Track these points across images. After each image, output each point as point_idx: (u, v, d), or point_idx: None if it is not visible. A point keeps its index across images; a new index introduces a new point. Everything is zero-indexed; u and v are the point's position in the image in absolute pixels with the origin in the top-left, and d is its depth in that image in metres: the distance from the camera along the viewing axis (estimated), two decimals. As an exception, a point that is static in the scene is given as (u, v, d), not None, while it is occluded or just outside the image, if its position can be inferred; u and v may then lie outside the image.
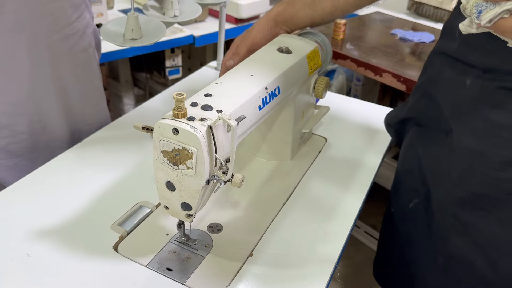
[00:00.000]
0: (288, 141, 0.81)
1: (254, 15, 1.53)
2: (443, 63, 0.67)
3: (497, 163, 0.58)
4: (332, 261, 0.63)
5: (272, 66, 0.68)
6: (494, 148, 0.58)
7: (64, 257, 0.61)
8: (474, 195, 0.62)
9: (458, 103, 0.64)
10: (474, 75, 0.61)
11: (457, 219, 0.65)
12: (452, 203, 0.65)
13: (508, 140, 0.57)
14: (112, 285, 0.57)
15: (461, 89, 0.62)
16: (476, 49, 0.60)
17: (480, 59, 0.59)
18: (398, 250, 0.84)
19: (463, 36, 0.61)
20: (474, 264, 0.64)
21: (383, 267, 0.91)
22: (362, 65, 1.26)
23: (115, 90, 1.72)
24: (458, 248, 0.66)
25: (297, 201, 0.73)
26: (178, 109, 0.51)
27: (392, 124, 0.85)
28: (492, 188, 0.60)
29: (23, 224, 0.65)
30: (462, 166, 0.63)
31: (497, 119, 0.58)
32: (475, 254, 0.64)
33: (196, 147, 0.51)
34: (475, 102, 0.61)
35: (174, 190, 0.56)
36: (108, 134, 0.87)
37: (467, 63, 0.62)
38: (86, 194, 0.71)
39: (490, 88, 0.59)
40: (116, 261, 0.60)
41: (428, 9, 1.65)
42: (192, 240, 0.64)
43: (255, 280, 0.59)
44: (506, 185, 0.58)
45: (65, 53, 0.78)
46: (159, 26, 0.80)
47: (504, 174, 0.58)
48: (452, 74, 0.65)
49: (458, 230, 0.65)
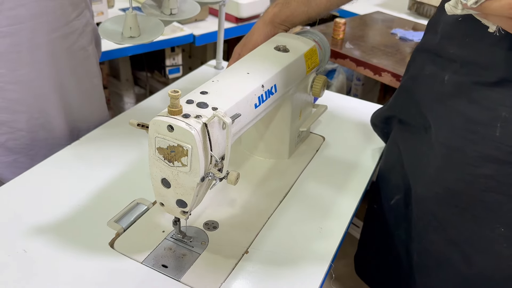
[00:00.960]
0: (285, 140, 0.81)
1: (254, 14, 1.53)
2: (424, 60, 0.68)
3: (473, 158, 0.59)
4: (328, 259, 0.63)
5: (269, 64, 0.68)
6: (470, 144, 0.59)
7: (61, 253, 0.61)
8: (450, 191, 0.62)
9: (436, 99, 0.64)
10: (452, 70, 0.61)
11: (434, 215, 0.66)
12: (429, 199, 0.66)
13: (483, 136, 0.57)
14: (108, 281, 0.58)
15: (439, 85, 0.63)
16: (455, 42, 0.61)
17: (459, 52, 0.60)
18: (379, 246, 0.85)
19: (444, 30, 0.62)
20: (450, 260, 0.65)
21: (364, 262, 0.93)
22: (362, 65, 1.26)
23: (116, 89, 1.72)
24: (434, 244, 0.67)
25: (294, 200, 0.74)
26: (173, 106, 0.52)
27: (377, 124, 0.86)
28: (468, 184, 0.60)
29: (20, 220, 0.66)
30: (439, 162, 0.63)
31: (473, 115, 0.58)
32: (451, 250, 0.64)
33: (191, 144, 0.51)
34: (452, 98, 0.61)
35: (169, 187, 0.56)
36: (107, 131, 0.88)
37: (446, 58, 0.62)
38: (83, 191, 0.72)
39: (467, 83, 0.59)
40: (112, 257, 0.61)
41: (429, 9, 1.65)
42: (188, 237, 0.64)
43: (250, 277, 0.60)
44: (481, 181, 0.59)
45: (64, 51, 0.79)
46: (157, 24, 0.80)
47: (479, 170, 0.58)
48: (431, 70, 0.65)
49: (435, 226, 0.66)
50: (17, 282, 0.57)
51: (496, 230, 0.60)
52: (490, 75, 0.57)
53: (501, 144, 0.56)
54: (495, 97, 0.56)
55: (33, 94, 0.78)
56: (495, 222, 0.59)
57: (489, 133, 0.57)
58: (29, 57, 0.74)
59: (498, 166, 0.57)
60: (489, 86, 0.57)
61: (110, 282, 0.58)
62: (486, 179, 0.58)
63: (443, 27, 0.63)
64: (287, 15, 0.77)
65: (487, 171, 0.58)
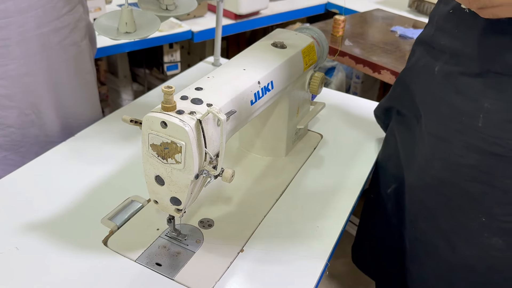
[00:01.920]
0: (282, 137, 0.80)
1: (253, 11, 1.52)
2: (421, 52, 0.69)
3: (458, 148, 0.60)
4: (324, 257, 0.62)
5: (265, 60, 0.67)
6: (456, 133, 0.60)
7: (53, 251, 0.60)
8: (437, 180, 0.64)
9: (427, 90, 0.66)
10: (443, 61, 0.63)
11: (423, 203, 0.67)
12: (419, 188, 0.67)
13: (468, 126, 0.59)
14: (101, 279, 0.57)
15: (430, 76, 0.65)
16: (446, 34, 0.63)
17: (449, 43, 0.62)
18: (374, 234, 0.87)
19: (438, 22, 0.64)
20: (438, 248, 0.67)
21: (360, 250, 0.94)
22: (361, 62, 1.25)
23: (114, 85, 1.71)
24: (424, 232, 0.69)
25: (291, 198, 0.73)
26: (167, 102, 0.51)
27: (379, 115, 0.87)
28: (453, 174, 0.61)
29: (13, 217, 0.65)
30: (427, 151, 0.65)
31: (459, 105, 0.60)
32: (439, 238, 0.66)
33: (184, 141, 0.50)
34: (440, 88, 0.63)
35: (163, 185, 0.55)
36: (102, 128, 0.87)
37: (438, 49, 0.64)
38: (77, 187, 0.71)
39: (454, 73, 0.61)
40: (105, 255, 0.60)
41: (430, 6, 1.64)
42: (183, 235, 0.63)
43: (246, 276, 0.59)
44: (466, 170, 0.60)
45: (55, 45, 0.78)
46: (153, 20, 0.79)
47: (464, 159, 0.60)
48: (425, 61, 0.67)
49: (424, 215, 0.68)
50: (9, 279, 0.56)
51: (478, 220, 0.61)
52: (475, 66, 0.58)
53: (484, 135, 0.57)
54: (478, 88, 0.58)
55: (23, 89, 0.77)
56: (477, 212, 0.61)
57: (473, 123, 0.58)
58: (19, 52, 0.73)
59: (481, 157, 0.58)
60: (474, 76, 0.58)
61: (103, 280, 0.57)
62: (470, 169, 0.60)
63: (438, 20, 0.65)
64: None
65: (471, 161, 0.59)
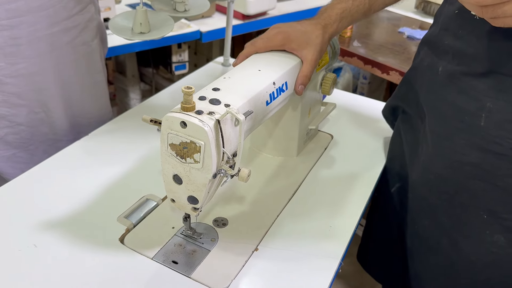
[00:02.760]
0: (294, 138, 0.81)
1: (262, 11, 1.53)
2: (425, 51, 0.71)
3: (460, 146, 0.61)
4: (337, 257, 0.63)
5: (280, 61, 0.68)
6: (458, 132, 0.61)
7: (71, 248, 0.61)
8: (440, 177, 0.65)
9: (430, 89, 0.67)
10: (446, 61, 0.64)
11: (425, 200, 0.68)
12: (422, 185, 0.69)
13: (470, 124, 0.60)
14: (118, 277, 0.58)
15: (434, 76, 0.66)
16: (450, 34, 0.64)
17: (453, 43, 0.63)
18: (378, 233, 0.89)
19: (443, 22, 0.66)
20: (440, 244, 0.68)
21: (365, 250, 0.95)
22: (369, 63, 1.26)
23: (122, 85, 1.72)
24: (426, 229, 0.70)
25: (303, 197, 0.74)
26: (187, 102, 0.52)
27: (387, 115, 0.88)
28: (456, 171, 0.62)
29: (31, 215, 0.66)
30: (430, 149, 0.66)
31: (461, 104, 0.61)
32: (441, 235, 0.67)
33: (203, 141, 0.51)
34: (443, 87, 0.64)
35: (181, 184, 0.56)
36: (114, 127, 0.88)
37: (442, 49, 0.65)
38: (93, 186, 0.72)
39: (457, 73, 0.62)
40: (122, 253, 0.61)
41: (436, 7, 1.64)
42: (198, 233, 0.64)
43: (260, 274, 0.60)
44: (467, 168, 0.61)
45: (65, 45, 0.79)
46: (167, 20, 0.80)
47: (466, 157, 0.61)
48: (429, 61, 0.68)
49: (427, 212, 0.69)
50: (27, 276, 0.57)
51: (480, 217, 0.62)
52: (478, 66, 0.59)
53: (485, 134, 0.59)
54: (481, 87, 0.59)
55: (33, 88, 0.78)
56: (478, 209, 0.62)
57: (475, 122, 0.59)
58: (29, 51, 0.74)
59: (482, 155, 0.59)
60: (477, 76, 0.59)
61: (121, 277, 0.58)
62: (472, 167, 0.61)
63: (443, 20, 0.67)
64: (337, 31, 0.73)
65: (473, 159, 0.60)
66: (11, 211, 0.67)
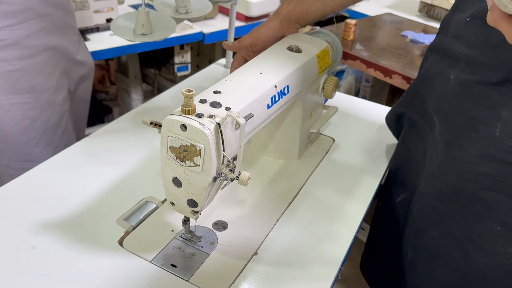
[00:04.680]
0: (295, 141, 0.80)
1: (264, 13, 1.53)
2: (433, 59, 0.70)
3: (473, 156, 0.60)
4: (337, 262, 0.62)
5: (281, 64, 0.68)
6: (471, 142, 0.60)
7: (69, 250, 0.61)
8: (451, 187, 0.63)
9: (441, 98, 0.66)
10: (458, 69, 0.63)
11: (435, 211, 0.67)
12: (431, 195, 0.67)
13: (484, 134, 0.59)
14: (116, 279, 0.57)
15: (445, 84, 0.65)
16: (462, 42, 0.63)
17: (465, 51, 0.62)
18: (379, 246, 0.87)
19: (454, 30, 0.65)
20: (449, 255, 0.66)
21: (367, 262, 0.94)
22: (372, 66, 1.25)
23: (124, 85, 1.72)
24: (434, 240, 0.68)
25: (303, 201, 0.73)
26: (187, 105, 0.51)
27: (391, 124, 0.87)
28: (468, 182, 0.61)
29: (30, 216, 0.65)
30: (441, 159, 0.65)
31: (475, 114, 0.60)
32: (450, 246, 0.66)
33: (204, 144, 0.51)
34: (456, 96, 0.63)
35: (180, 187, 0.56)
36: (115, 128, 0.88)
37: (453, 57, 0.64)
38: (92, 188, 0.72)
39: (470, 82, 0.61)
40: (121, 255, 0.61)
41: (440, 11, 1.64)
42: (197, 237, 0.64)
43: (259, 279, 0.59)
44: (481, 179, 0.60)
45: None
46: (169, 22, 0.80)
47: (479, 168, 0.59)
48: (439, 69, 0.67)
49: (435, 222, 0.67)
50: (25, 278, 0.57)
51: (493, 229, 0.61)
52: (492, 75, 0.58)
53: (500, 144, 0.57)
54: (496, 97, 0.58)
55: None
56: (492, 221, 0.61)
57: (489, 132, 0.58)
58: None
59: (497, 165, 0.58)
60: (491, 86, 0.58)
61: (119, 280, 0.57)
62: (485, 177, 0.59)
63: (453, 27, 0.65)
64: (301, 11, 0.76)
65: (486, 169, 0.59)
66: (10, 212, 0.66)
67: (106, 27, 1.33)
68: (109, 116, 1.76)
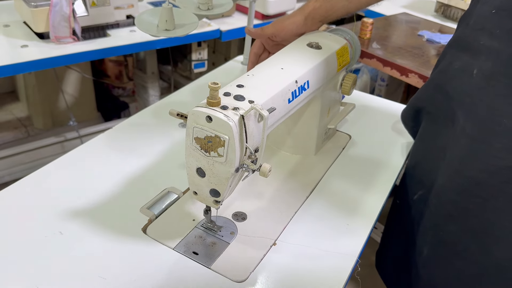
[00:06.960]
0: (313, 136, 0.82)
1: (281, 12, 1.54)
2: (454, 54, 0.70)
3: (497, 150, 0.60)
4: (354, 255, 0.64)
5: (302, 60, 0.69)
6: (495, 135, 0.60)
7: (95, 236, 0.63)
8: (473, 181, 0.63)
9: (465, 92, 0.66)
10: (481, 62, 0.63)
11: (454, 205, 0.67)
12: (451, 190, 0.67)
13: (508, 128, 0.59)
14: (140, 265, 0.59)
15: (468, 78, 0.65)
16: (486, 34, 0.63)
17: (489, 43, 0.62)
18: (395, 243, 0.87)
19: (476, 22, 0.65)
20: (467, 250, 0.66)
21: (383, 258, 0.94)
22: (388, 65, 1.26)
23: (142, 81, 1.75)
24: (452, 234, 0.68)
25: (320, 196, 0.75)
26: (212, 97, 0.53)
27: (407, 122, 0.87)
28: (491, 175, 0.61)
29: (58, 203, 0.68)
30: (463, 152, 0.65)
31: (499, 107, 0.60)
32: (470, 240, 0.66)
33: (228, 135, 0.52)
34: (480, 90, 0.63)
35: (204, 177, 0.57)
36: (136, 122, 0.90)
37: (476, 50, 0.64)
38: (116, 178, 0.74)
39: (494, 75, 0.61)
40: (144, 242, 0.63)
41: (456, 11, 1.63)
42: (218, 226, 0.65)
43: (278, 268, 0.61)
44: (504, 172, 0.60)
45: None
46: (192, 18, 0.82)
47: (503, 161, 0.60)
48: (461, 63, 0.67)
49: (454, 216, 0.67)
50: (52, 262, 0.59)
51: None
52: None
53: None
54: None
55: None
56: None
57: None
58: None
59: None
60: None
61: (143, 266, 0.59)
62: (509, 170, 0.59)
63: (476, 20, 0.65)
64: (327, 10, 0.77)
65: (510, 163, 0.59)
66: (39, 198, 0.69)
67: (126, 23, 1.36)
68: (126, 111, 1.79)
